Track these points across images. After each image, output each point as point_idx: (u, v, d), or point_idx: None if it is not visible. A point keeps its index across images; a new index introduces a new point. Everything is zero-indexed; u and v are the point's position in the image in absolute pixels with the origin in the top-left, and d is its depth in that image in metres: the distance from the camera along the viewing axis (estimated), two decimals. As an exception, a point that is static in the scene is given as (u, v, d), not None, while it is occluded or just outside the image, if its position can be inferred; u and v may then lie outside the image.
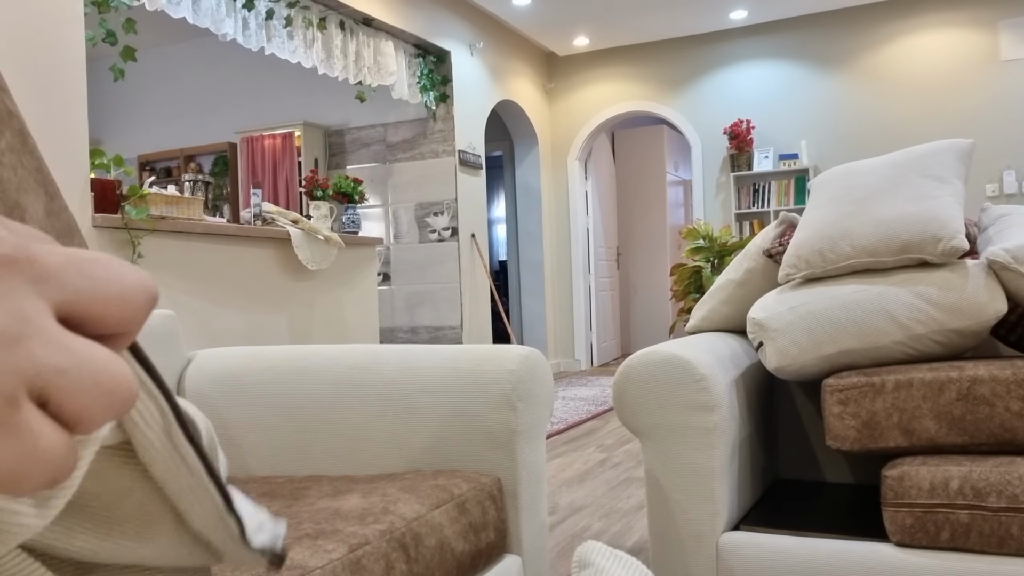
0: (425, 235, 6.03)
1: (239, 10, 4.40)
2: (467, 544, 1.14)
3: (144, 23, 6.66)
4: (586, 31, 7.00)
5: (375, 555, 0.95)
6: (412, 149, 6.11)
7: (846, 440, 1.37)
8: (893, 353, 1.42)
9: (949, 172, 1.51)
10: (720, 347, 1.60)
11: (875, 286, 1.43)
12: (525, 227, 7.50)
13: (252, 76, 6.92)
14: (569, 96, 7.64)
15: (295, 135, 6.49)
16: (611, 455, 3.70)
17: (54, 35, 2.97)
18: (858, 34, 6.60)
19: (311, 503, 1.09)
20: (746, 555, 1.40)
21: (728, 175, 7.05)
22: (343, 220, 4.46)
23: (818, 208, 1.59)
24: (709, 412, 1.41)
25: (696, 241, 5.64)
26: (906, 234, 1.42)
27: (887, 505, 1.28)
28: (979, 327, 1.37)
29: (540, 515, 1.37)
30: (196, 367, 1.53)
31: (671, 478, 1.45)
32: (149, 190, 3.16)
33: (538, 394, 1.34)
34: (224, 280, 3.48)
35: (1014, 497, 1.19)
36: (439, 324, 5.96)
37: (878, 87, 6.54)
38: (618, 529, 2.53)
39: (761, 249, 1.78)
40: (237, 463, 1.46)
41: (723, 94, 7.07)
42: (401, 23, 5.50)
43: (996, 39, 6.18)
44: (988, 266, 1.38)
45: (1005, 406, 1.27)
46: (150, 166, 7.35)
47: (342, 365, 1.43)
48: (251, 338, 3.60)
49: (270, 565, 0.39)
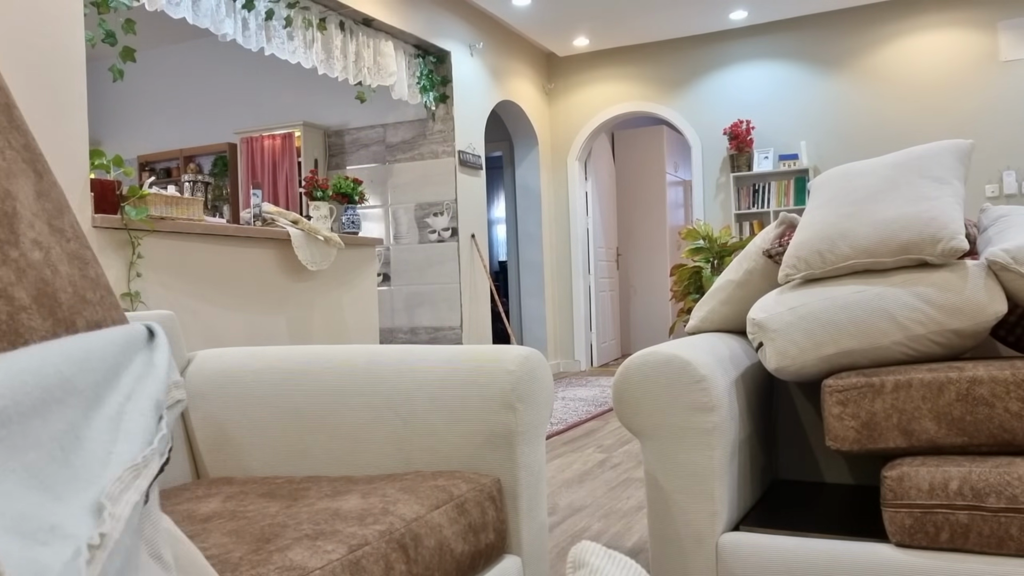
0: (425, 236, 6.03)
1: (239, 10, 4.40)
2: (467, 545, 1.14)
3: (144, 24, 6.67)
4: (586, 31, 7.00)
5: (374, 556, 0.95)
6: (412, 149, 6.11)
7: (846, 441, 1.37)
8: (893, 354, 1.42)
9: (948, 173, 1.51)
10: (720, 348, 1.60)
11: (875, 287, 1.43)
12: (525, 227, 7.50)
13: (252, 77, 6.92)
14: (569, 96, 7.64)
15: (295, 135, 6.49)
16: (611, 456, 3.70)
17: (54, 35, 2.97)
18: (858, 35, 6.60)
19: (311, 504, 1.09)
20: (746, 555, 1.40)
21: (728, 175, 7.06)
22: (343, 221, 4.46)
23: (818, 209, 1.59)
24: (709, 413, 1.41)
25: (696, 241, 5.64)
26: (905, 235, 1.42)
27: (887, 506, 1.28)
28: (978, 328, 1.37)
29: (540, 516, 1.37)
30: (196, 368, 1.53)
31: (671, 479, 1.45)
32: (149, 190, 3.16)
33: (538, 395, 1.34)
34: (224, 281, 3.48)
35: (1013, 498, 1.19)
36: (439, 325, 5.96)
37: (878, 87, 6.54)
38: (618, 530, 2.53)
39: (761, 250, 1.78)
40: (236, 463, 1.46)
41: (723, 94, 7.07)
42: (401, 23, 5.50)
43: (995, 40, 6.18)
44: (988, 267, 1.38)
45: (1004, 407, 1.27)
46: (150, 166, 7.35)
47: (342, 366, 1.43)
48: (251, 339, 3.60)
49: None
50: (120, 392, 0.64)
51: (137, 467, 0.57)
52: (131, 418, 0.62)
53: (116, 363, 0.65)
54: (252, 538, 0.93)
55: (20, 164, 0.74)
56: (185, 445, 1.50)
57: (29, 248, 0.69)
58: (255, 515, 1.04)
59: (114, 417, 0.61)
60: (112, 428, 0.60)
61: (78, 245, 0.77)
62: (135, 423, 0.62)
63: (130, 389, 0.65)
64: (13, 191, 0.71)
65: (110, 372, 0.64)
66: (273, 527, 0.97)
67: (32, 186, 0.74)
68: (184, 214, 3.31)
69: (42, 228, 0.72)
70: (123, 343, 0.68)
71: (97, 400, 0.61)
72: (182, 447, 1.49)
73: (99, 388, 0.62)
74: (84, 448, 0.56)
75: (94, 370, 0.62)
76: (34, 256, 0.69)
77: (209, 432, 1.48)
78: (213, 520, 1.03)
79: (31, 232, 0.70)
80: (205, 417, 1.48)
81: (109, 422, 0.60)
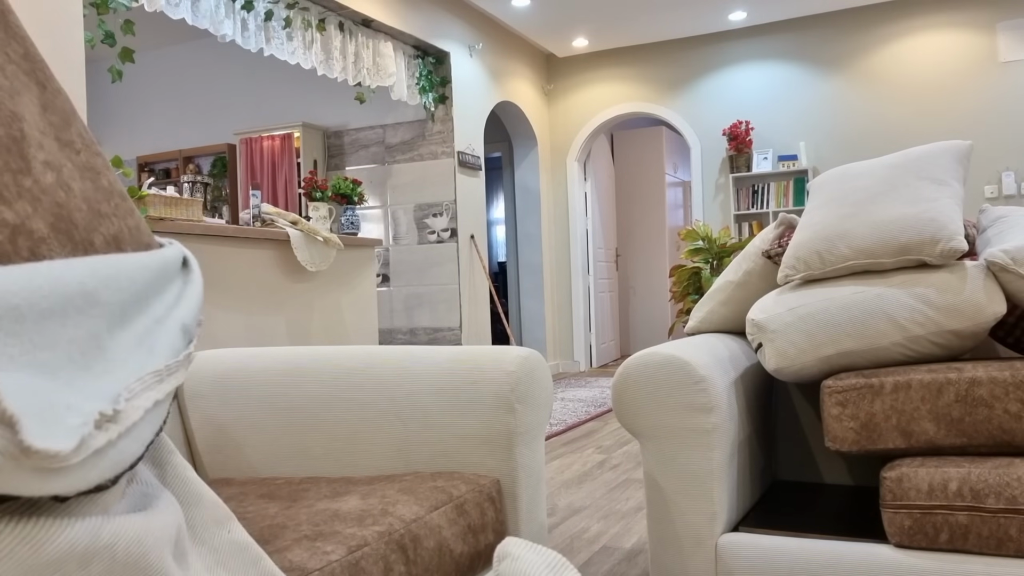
0: (424, 236, 6.03)
1: (238, 11, 4.40)
2: (466, 546, 1.14)
3: (143, 24, 6.67)
4: (585, 32, 7.00)
5: (374, 557, 0.95)
6: (411, 150, 6.11)
7: (845, 441, 1.37)
8: (892, 354, 1.42)
9: (947, 174, 1.52)
10: (719, 348, 1.60)
11: (874, 287, 1.43)
12: (524, 228, 7.50)
13: (251, 77, 6.92)
14: (568, 97, 7.64)
15: (294, 136, 6.49)
16: (610, 456, 3.70)
17: (53, 36, 2.97)
18: (857, 35, 6.61)
19: (310, 504, 1.09)
20: (745, 556, 1.40)
21: (727, 176, 7.06)
22: (342, 221, 4.46)
23: (817, 209, 1.59)
24: (708, 413, 1.41)
25: (695, 242, 5.65)
26: (904, 235, 1.42)
27: (886, 506, 1.28)
28: (978, 328, 1.37)
29: (539, 517, 1.37)
30: (195, 368, 1.53)
31: (670, 479, 1.45)
32: (148, 191, 3.16)
33: (537, 395, 1.34)
34: (223, 281, 3.48)
35: (1012, 499, 1.19)
36: (438, 325, 5.96)
37: (877, 88, 6.54)
38: (617, 531, 2.53)
39: (760, 250, 1.78)
40: (236, 464, 1.46)
41: (722, 95, 7.08)
42: (400, 24, 5.50)
43: (994, 41, 6.19)
44: (987, 268, 1.38)
45: (1004, 408, 1.27)
46: (149, 167, 7.34)
47: (341, 366, 1.42)
48: (250, 339, 3.60)
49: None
50: (149, 315, 0.66)
51: (159, 373, 0.59)
52: (157, 337, 0.64)
53: (147, 287, 0.67)
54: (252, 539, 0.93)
55: (21, 78, 0.72)
56: (184, 446, 1.50)
57: (41, 172, 0.69)
58: (254, 516, 1.04)
59: (141, 334, 0.63)
60: (137, 344, 0.62)
61: (88, 155, 0.76)
62: (160, 342, 0.64)
63: (160, 314, 0.68)
64: (19, 111, 0.70)
65: (140, 294, 0.66)
66: (272, 528, 0.97)
67: (36, 100, 0.73)
68: (183, 215, 3.31)
69: (51, 146, 0.71)
70: (157, 269, 0.70)
71: (123, 316, 0.63)
72: (181, 448, 1.49)
73: (126, 306, 0.64)
74: (105, 356, 0.58)
75: (121, 289, 0.63)
76: (47, 180, 0.69)
77: (208, 433, 1.47)
78: (212, 521, 1.02)
79: (41, 154, 0.70)
80: (204, 418, 1.48)
81: (135, 338, 0.62)
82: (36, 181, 0.68)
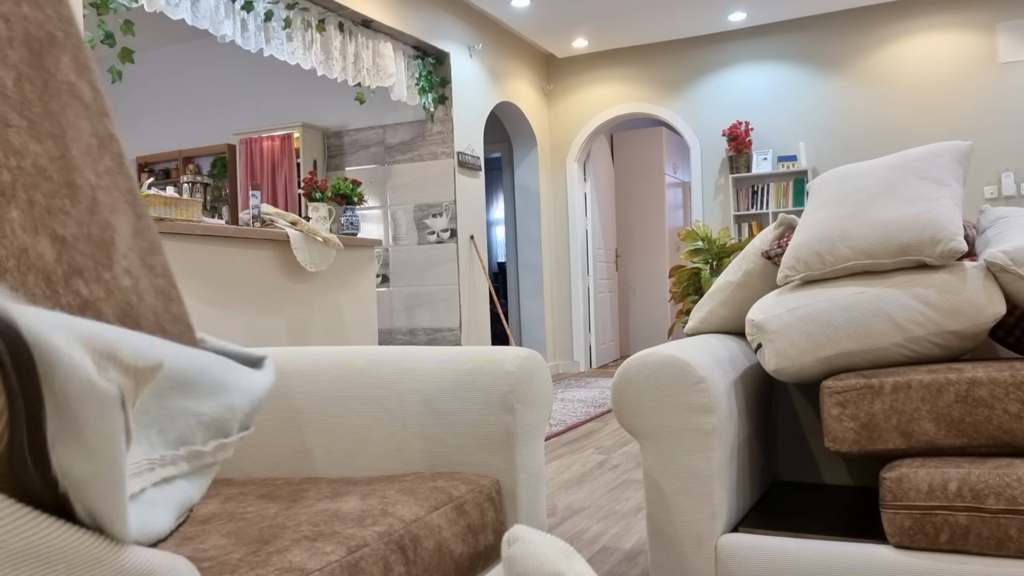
0: (424, 237, 6.03)
1: (238, 12, 4.40)
2: (466, 546, 1.14)
3: (143, 25, 6.67)
4: (585, 33, 7.00)
5: (373, 557, 0.95)
6: (411, 151, 6.11)
7: (845, 442, 1.37)
8: (892, 355, 1.42)
9: (947, 174, 1.52)
10: (719, 349, 1.60)
11: (873, 288, 1.43)
12: (524, 229, 7.51)
13: (251, 78, 6.92)
14: (568, 98, 7.64)
15: (294, 136, 6.49)
16: (610, 457, 3.70)
17: (53, 36, 2.97)
18: (857, 36, 6.61)
19: (309, 505, 1.09)
20: (745, 557, 1.40)
21: (727, 177, 7.06)
22: (342, 222, 4.46)
23: (816, 210, 1.59)
24: (708, 414, 1.41)
25: (695, 243, 5.65)
26: (904, 236, 1.42)
27: (886, 507, 1.28)
28: (977, 329, 1.37)
29: (539, 517, 1.37)
30: (195, 369, 1.53)
31: (670, 480, 1.45)
32: (148, 192, 3.16)
33: (537, 396, 1.34)
34: (223, 282, 3.48)
35: (1013, 499, 1.19)
36: (438, 326, 5.96)
37: (876, 89, 6.55)
38: (617, 531, 2.53)
39: (760, 251, 1.78)
40: (235, 465, 1.46)
41: (722, 96, 7.08)
42: (400, 25, 5.50)
43: (994, 41, 6.19)
44: (986, 268, 1.38)
45: (1004, 408, 1.27)
46: (149, 168, 7.34)
47: (341, 367, 1.42)
48: (250, 340, 3.60)
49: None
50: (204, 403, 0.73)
51: (153, 461, 0.63)
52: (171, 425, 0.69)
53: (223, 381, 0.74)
54: (251, 539, 0.93)
55: (123, 204, 0.81)
56: (184, 446, 1.49)
57: (120, 274, 0.76)
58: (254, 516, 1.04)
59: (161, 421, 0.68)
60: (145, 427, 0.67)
61: (165, 283, 0.83)
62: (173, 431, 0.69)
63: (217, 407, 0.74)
64: (114, 223, 0.78)
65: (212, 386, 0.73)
66: (272, 528, 0.97)
67: (131, 224, 0.81)
68: (183, 215, 3.31)
69: (134, 260, 0.79)
70: (231, 368, 0.78)
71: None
72: (181, 448, 1.49)
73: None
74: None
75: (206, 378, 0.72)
76: (124, 282, 0.76)
77: (208, 433, 1.47)
78: (212, 521, 1.03)
79: (124, 261, 0.77)
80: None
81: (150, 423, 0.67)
82: (115, 278, 0.75)
